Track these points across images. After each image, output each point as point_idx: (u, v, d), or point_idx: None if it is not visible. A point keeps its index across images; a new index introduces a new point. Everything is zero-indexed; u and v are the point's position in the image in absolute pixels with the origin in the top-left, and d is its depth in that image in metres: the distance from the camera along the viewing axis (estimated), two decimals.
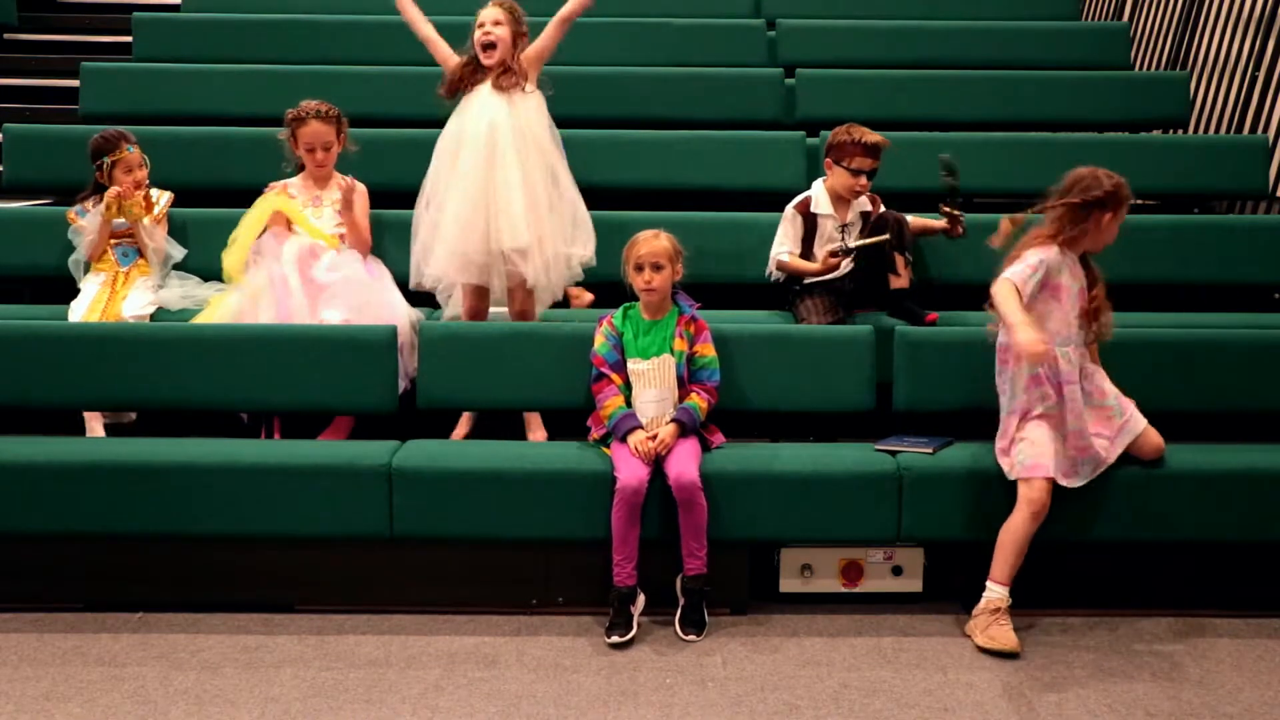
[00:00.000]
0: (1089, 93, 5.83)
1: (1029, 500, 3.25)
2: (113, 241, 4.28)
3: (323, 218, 4.26)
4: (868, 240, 3.97)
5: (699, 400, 3.48)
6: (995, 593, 3.25)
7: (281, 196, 4.21)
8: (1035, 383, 3.33)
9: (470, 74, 3.97)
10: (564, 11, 4.02)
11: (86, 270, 4.29)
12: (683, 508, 3.30)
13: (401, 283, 4.27)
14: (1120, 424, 3.38)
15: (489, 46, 3.92)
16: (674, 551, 3.34)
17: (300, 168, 4.34)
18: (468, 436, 4.12)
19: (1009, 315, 3.21)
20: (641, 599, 3.35)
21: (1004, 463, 3.36)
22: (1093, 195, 3.33)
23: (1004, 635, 3.18)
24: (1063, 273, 3.35)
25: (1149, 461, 3.41)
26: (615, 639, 3.23)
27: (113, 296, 4.18)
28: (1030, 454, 3.29)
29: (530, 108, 3.95)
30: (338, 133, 4.29)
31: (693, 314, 3.59)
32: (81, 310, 4.13)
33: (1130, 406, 3.42)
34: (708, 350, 3.56)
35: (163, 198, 4.38)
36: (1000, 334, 3.42)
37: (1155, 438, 3.41)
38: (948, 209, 4.10)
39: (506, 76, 3.92)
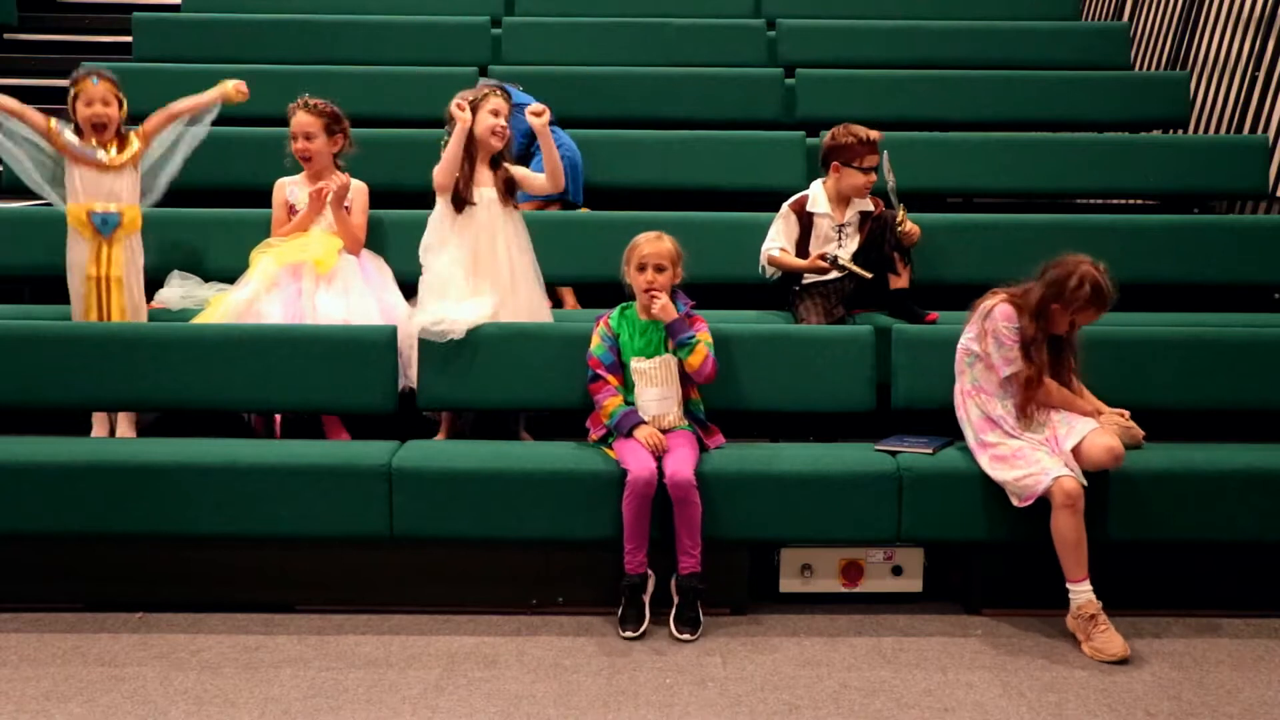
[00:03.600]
0: (1089, 93, 5.83)
1: (1058, 505, 3.24)
2: (87, 208, 4.04)
3: (324, 215, 4.24)
4: (855, 268, 3.98)
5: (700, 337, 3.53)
6: (1080, 594, 3.24)
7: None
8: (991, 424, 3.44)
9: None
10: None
11: (58, 187, 4.09)
12: (677, 505, 3.30)
13: (402, 282, 4.27)
14: (1065, 433, 3.39)
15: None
16: (672, 552, 3.34)
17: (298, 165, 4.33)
18: (447, 438, 4.12)
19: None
20: (652, 582, 3.36)
21: (1016, 497, 3.35)
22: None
23: (1111, 643, 3.16)
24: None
25: (1113, 469, 3.35)
26: (629, 633, 3.25)
27: (106, 262, 4.05)
28: (1031, 477, 3.29)
29: None
30: (327, 129, 4.23)
31: (688, 310, 3.60)
32: (77, 281, 4.06)
33: (1074, 419, 3.43)
34: (705, 338, 3.57)
35: (135, 141, 4.18)
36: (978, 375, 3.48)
37: (1105, 440, 3.33)
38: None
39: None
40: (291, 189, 4.31)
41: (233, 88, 4.31)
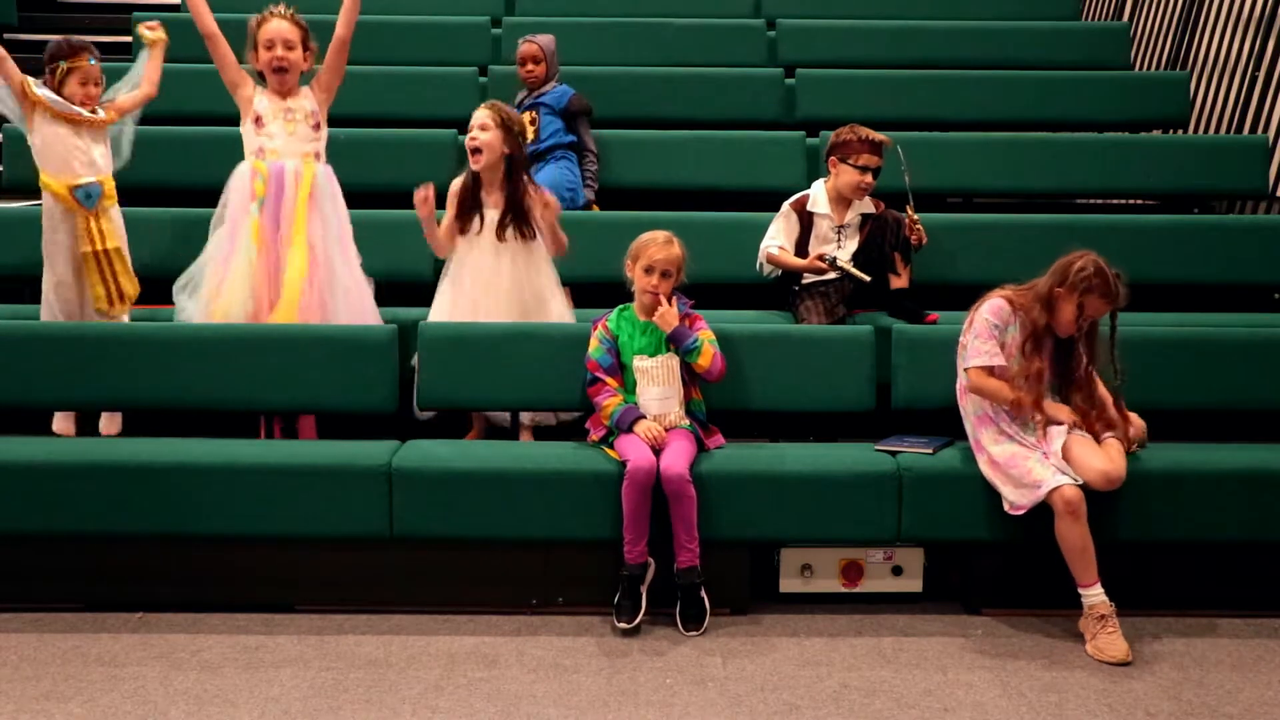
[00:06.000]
0: (1089, 93, 5.83)
1: (1060, 513, 3.24)
2: (69, 183, 4.03)
3: (296, 133, 4.06)
4: (854, 271, 3.99)
5: (704, 336, 3.54)
6: (1090, 598, 3.24)
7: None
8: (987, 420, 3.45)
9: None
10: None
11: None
12: (672, 500, 3.31)
13: (405, 281, 4.27)
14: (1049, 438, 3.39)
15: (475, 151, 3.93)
16: (670, 548, 3.35)
17: (260, 81, 4.15)
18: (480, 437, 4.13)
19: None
20: (652, 571, 3.37)
21: (1008, 503, 3.35)
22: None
23: (1113, 646, 3.16)
24: (1008, 331, 3.43)
25: (1104, 491, 3.31)
26: (624, 624, 3.26)
27: (99, 236, 4.05)
28: (1024, 491, 3.29)
29: None
30: (304, 44, 4.07)
31: (687, 310, 3.60)
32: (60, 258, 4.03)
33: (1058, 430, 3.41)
34: (707, 335, 3.57)
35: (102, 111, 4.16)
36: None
37: (1099, 464, 3.29)
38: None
39: None
40: (260, 98, 4.10)
41: (156, 35, 4.29)
